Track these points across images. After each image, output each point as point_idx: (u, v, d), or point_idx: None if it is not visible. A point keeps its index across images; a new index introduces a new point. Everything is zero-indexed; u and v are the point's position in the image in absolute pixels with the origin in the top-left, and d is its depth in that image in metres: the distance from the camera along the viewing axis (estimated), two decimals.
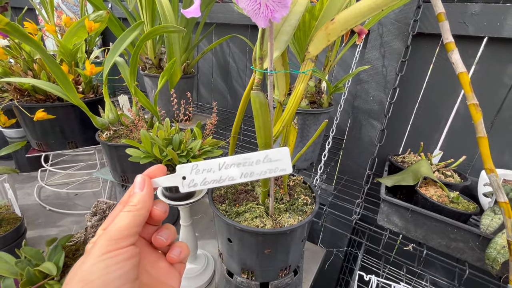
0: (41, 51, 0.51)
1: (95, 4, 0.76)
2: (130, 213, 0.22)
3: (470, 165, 0.75)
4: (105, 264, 0.19)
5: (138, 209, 0.22)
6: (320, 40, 0.32)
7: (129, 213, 0.22)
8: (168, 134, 0.49)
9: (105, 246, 0.20)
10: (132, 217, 0.21)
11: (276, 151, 0.23)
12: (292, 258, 0.43)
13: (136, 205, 0.22)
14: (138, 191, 0.23)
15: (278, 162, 0.23)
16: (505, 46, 0.64)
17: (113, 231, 0.21)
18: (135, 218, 0.22)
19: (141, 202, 0.22)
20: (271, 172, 0.24)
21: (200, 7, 0.22)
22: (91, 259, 0.19)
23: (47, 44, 1.33)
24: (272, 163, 0.23)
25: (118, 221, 0.21)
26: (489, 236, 0.49)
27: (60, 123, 0.73)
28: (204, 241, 0.77)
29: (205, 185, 0.24)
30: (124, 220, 0.21)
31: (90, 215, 0.50)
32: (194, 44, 0.90)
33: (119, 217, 0.22)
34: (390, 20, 0.71)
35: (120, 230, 0.21)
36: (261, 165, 0.24)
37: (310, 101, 0.69)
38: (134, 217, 0.22)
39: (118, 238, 0.20)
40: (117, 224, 0.21)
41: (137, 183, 0.23)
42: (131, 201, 0.22)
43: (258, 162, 0.24)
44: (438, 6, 0.38)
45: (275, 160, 0.23)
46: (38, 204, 0.90)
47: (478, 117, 0.35)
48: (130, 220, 0.21)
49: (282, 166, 0.24)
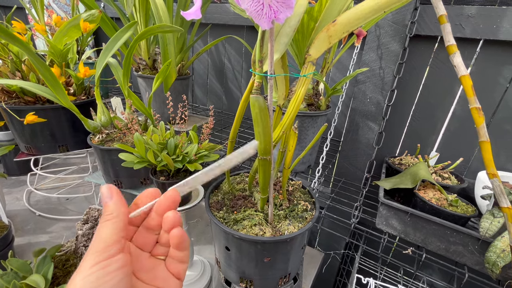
0: (29, 52, 0.49)
1: (87, 4, 0.74)
2: (109, 222, 0.22)
3: (466, 166, 0.75)
4: (95, 276, 0.19)
5: (114, 216, 0.23)
6: (321, 42, 0.31)
7: (107, 222, 0.22)
8: (163, 138, 0.48)
9: (93, 258, 0.20)
10: (111, 225, 0.22)
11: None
12: (292, 266, 0.42)
13: (111, 213, 0.23)
14: (108, 201, 0.23)
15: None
16: (501, 49, 0.65)
17: (97, 242, 0.21)
18: (114, 225, 0.22)
19: (115, 210, 0.23)
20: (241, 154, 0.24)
21: (200, 9, 0.21)
22: (81, 272, 0.20)
23: (37, 44, 1.30)
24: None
25: (100, 232, 0.22)
26: (488, 240, 0.49)
27: (50, 126, 0.70)
28: (200, 246, 0.76)
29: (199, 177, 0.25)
30: (105, 230, 0.22)
31: (81, 222, 0.48)
32: (189, 45, 0.88)
33: (100, 228, 0.22)
34: (388, 22, 0.70)
35: (105, 240, 0.21)
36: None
37: (308, 103, 0.68)
38: (113, 224, 0.22)
39: (104, 247, 0.21)
40: (100, 235, 0.22)
41: (104, 194, 0.24)
42: (105, 211, 0.23)
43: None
44: (439, 8, 0.38)
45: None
46: (27, 209, 0.87)
47: (480, 121, 0.35)
48: (110, 228, 0.22)
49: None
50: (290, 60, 0.87)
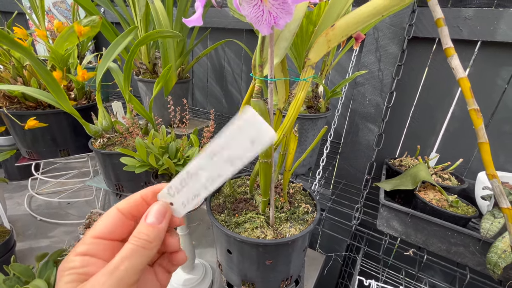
0: (31, 58, 0.50)
1: (87, 9, 0.75)
2: (144, 251, 0.18)
3: (466, 167, 0.75)
4: None
5: (152, 247, 0.19)
6: (320, 46, 0.31)
7: (142, 250, 0.18)
8: (164, 142, 0.48)
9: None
10: (142, 258, 0.18)
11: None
12: (293, 268, 0.42)
13: (151, 242, 0.19)
14: (156, 223, 0.19)
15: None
16: (499, 50, 0.65)
17: (123, 272, 0.17)
18: (145, 259, 0.18)
19: (158, 239, 0.19)
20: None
21: (202, 16, 0.21)
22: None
23: (37, 48, 1.30)
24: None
25: (127, 256, 0.18)
26: (489, 240, 0.49)
27: (52, 130, 0.71)
28: (201, 249, 0.76)
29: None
30: (135, 258, 0.18)
31: (84, 227, 0.48)
32: (189, 49, 0.89)
33: (128, 250, 0.18)
34: (386, 25, 0.71)
35: (133, 273, 0.17)
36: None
37: (308, 106, 0.68)
38: (144, 258, 0.18)
39: (130, 283, 0.17)
40: (126, 262, 0.17)
41: (156, 212, 0.20)
42: (145, 234, 0.19)
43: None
44: (437, 12, 0.38)
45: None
46: (28, 214, 0.88)
47: (479, 122, 0.35)
48: (141, 261, 0.18)
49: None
50: (289, 63, 0.87)
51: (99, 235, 0.20)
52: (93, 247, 0.19)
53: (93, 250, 0.19)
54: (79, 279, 0.17)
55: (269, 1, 0.21)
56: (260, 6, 0.21)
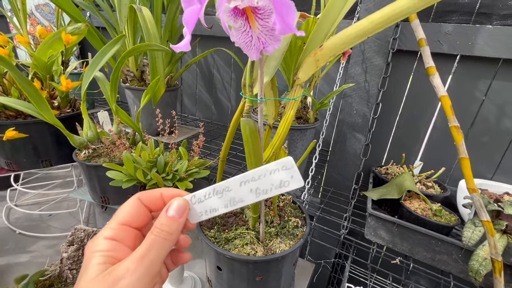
0: (11, 68, 0.48)
1: (72, 15, 0.73)
2: (165, 242, 0.20)
3: (448, 174, 0.78)
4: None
5: (173, 239, 0.20)
6: (309, 66, 0.32)
7: (164, 241, 0.20)
8: (153, 155, 0.47)
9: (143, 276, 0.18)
10: (164, 249, 0.20)
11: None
12: (284, 283, 0.42)
13: (172, 234, 0.20)
14: (177, 217, 0.21)
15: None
16: (476, 64, 0.69)
17: (150, 261, 0.19)
18: (166, 250, 0.20)
19: (177, 232, 0.21)
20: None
21: (190, 42, 0.21)
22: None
23: (19, 53, 1.25)
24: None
25: (153, 246, 0.19)
26: (471, 248, 0.51)
27: (33, 140, 0.68)
28: (190, 261, 0.74)
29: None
30: (159, 249, 0.19)
31: (67, 244, 0.46)
32: (178, 57, 0.88)
33: (152, 241, 0.19)
34: (371, 38, 0.73)
35: (159, 262, 0.19)
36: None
37: (297, 116, 0.69)
38: (165, 249, 0.20)
39: (155, 272, 0.19)
40: (153, 251, 0.19)
41: (177, 207, 0.21)
42: (166, 226, 0.20)
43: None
44: (419, 32, 0.40)
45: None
46: (6, 227, 0.83)
47: (459, 138, 0.37)
48: (164, 251, 0.20)
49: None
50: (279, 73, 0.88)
51: (124, 222, 0.21)
52: (119, 233, 0.21)
53: (119, 236, 0.20)
54: (109, 261, 0.19)
55: (258, 28, 0.21)
56: (249, 32, 0.22)
